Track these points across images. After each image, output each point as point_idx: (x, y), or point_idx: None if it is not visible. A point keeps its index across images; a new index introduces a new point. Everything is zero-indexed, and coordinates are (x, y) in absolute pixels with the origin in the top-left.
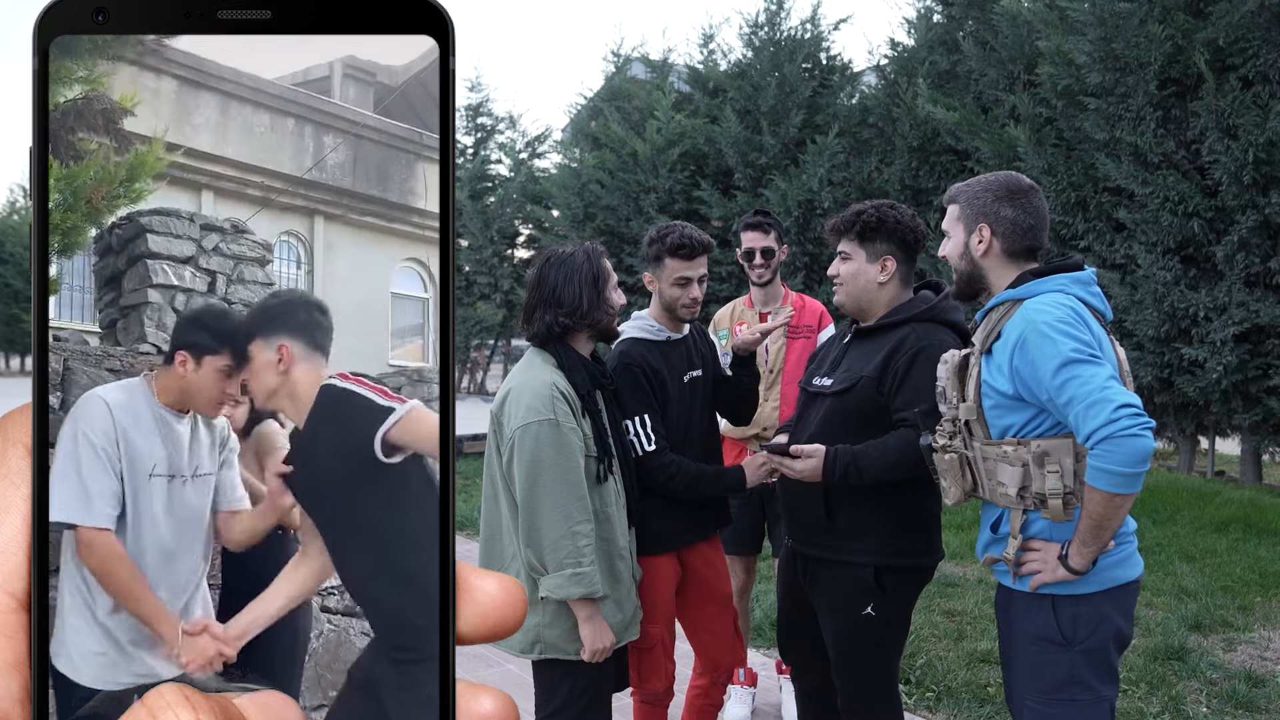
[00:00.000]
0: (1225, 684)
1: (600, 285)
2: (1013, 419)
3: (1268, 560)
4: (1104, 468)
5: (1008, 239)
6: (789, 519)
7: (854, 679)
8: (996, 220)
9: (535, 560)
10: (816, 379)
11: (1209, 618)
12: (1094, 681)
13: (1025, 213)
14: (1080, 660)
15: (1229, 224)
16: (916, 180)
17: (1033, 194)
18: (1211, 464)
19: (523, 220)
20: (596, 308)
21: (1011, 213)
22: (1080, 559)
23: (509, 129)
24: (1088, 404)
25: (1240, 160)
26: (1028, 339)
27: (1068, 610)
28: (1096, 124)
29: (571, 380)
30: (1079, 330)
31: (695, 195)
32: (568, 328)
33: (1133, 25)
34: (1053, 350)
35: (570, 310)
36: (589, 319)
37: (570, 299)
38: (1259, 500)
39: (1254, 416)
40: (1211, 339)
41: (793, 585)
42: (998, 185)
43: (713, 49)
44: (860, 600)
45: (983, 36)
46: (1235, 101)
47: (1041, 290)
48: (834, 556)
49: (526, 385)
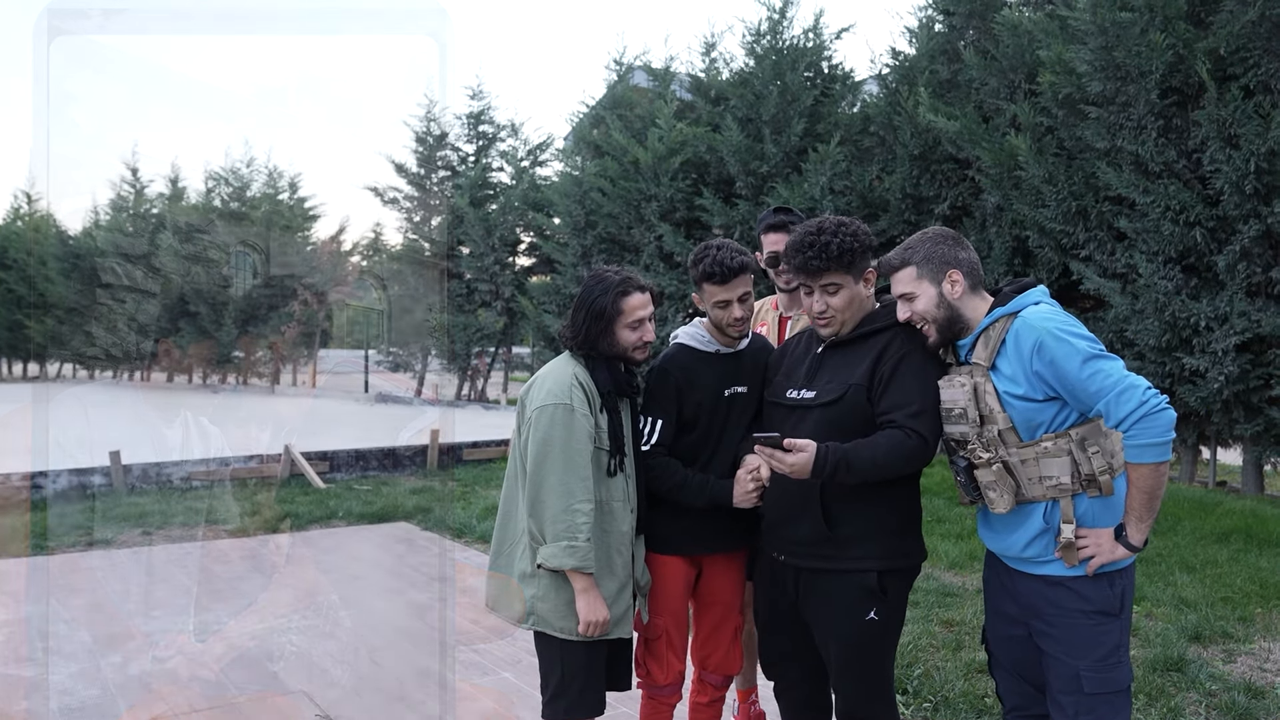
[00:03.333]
0: (1224, 695)
1: (606, 321)
2: (1042, 417)
3: (1268, 571)
4: (1147, 442)
5: (971, 276)
6: (778, 535)
7: (857, 682)
8: (958, 263)
9: (536, 530)
10: (792, 391)
11: (1209, 629)
12: (1125, 642)
13: (969, 251)
14: (1125, 625)
15: (1230, 233)
16: (918, 189)
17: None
18: (1213, 474)
19: (524, 228)
20: (600, 340)
21: (965, 255)
22: (1139, 534)
23: (510, 137)
24: (1117, 392)
25: (1242, 170)
26: (1044, 343)
27: (1119, 584)
28: (1097, 133)
29: (595, 378)
30: (1081, 330)
31: (697, 203)
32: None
33: (1134, 34)
34: (1072, 350)
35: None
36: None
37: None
38: (1260, 511)
39: (1255, 427)
40: (1213, 349)
41: (774, 601)
42: (942, 237)
43: (715, 57)
44: (864, 606)
45: (984, 46)
46: (1236, 111)
47: (1029, 301)
48: (835, 566)
49: (551, 374)
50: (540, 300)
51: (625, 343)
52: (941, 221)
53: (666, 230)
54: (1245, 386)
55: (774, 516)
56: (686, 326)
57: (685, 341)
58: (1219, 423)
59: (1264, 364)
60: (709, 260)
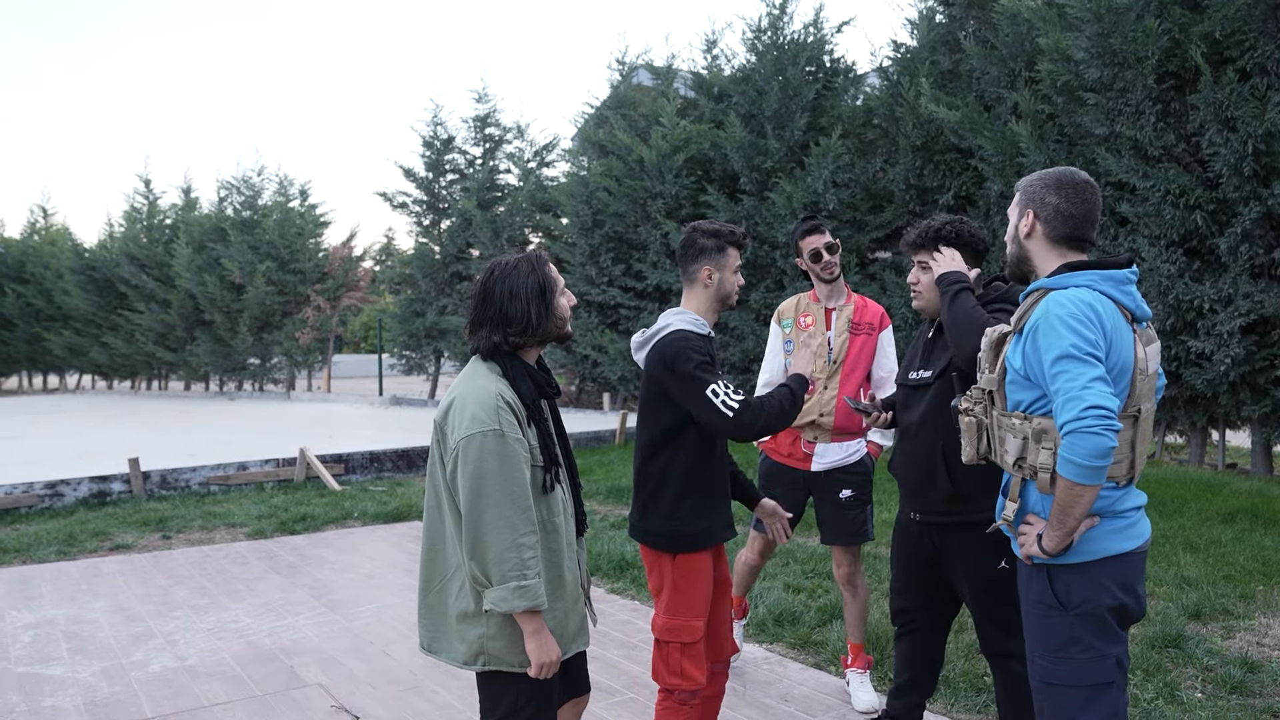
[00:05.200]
0: (1221, 669)
1: (548, 296)
2: (1023, 396)
3: (1272, 549)
4: (1068, 458)
5: (1050, 224)
6: (915, 496)
7: (991, 623)
8: (1042, 206)
9: (479, 573)
10: (913, 374)
11: (1209, 606)
12: (1094, 640)
13: (1070, 202)
14: (1077, 623)
15: (1231, 216)
16: (921, 179)
17: (1083, 187)
18: (1222, 457)
19: (532, 229)
20: (546, 320)
21: (1056, 200)
22: (1049, 541)
23: (517, 139)
24: (1066, 398)
25: (1240, 152)
26: (1039, 327)
27: (1062, 579)
28: (1096, 119)
29: (517, 390)
30: (1086, 328)
31: (702, 200)
32: (518, 345)
33: (1129, 20)
34: (1055, 342)
35: (520, 329)
36: (540, 333)
37: (518, 315)
38: (1267, 491)
39: (1263, 408)
40: (1218, 331)
41: (910, 558)
42: (1050, 176)
43: (716, 54)
44: (993, 557)
45: (984, 35)
46: (1233, 94)
47: (1071, 283)
48: (963, 519)
49: (471, 394)
50: None
51: (564, 313)
52: (946, 211)
53: (672, 227)
54: (1251, 368)
55: (909, 482)
56: (678, 317)
57: (686, 327)
58: (1226, 405)
59: (1269, 345)
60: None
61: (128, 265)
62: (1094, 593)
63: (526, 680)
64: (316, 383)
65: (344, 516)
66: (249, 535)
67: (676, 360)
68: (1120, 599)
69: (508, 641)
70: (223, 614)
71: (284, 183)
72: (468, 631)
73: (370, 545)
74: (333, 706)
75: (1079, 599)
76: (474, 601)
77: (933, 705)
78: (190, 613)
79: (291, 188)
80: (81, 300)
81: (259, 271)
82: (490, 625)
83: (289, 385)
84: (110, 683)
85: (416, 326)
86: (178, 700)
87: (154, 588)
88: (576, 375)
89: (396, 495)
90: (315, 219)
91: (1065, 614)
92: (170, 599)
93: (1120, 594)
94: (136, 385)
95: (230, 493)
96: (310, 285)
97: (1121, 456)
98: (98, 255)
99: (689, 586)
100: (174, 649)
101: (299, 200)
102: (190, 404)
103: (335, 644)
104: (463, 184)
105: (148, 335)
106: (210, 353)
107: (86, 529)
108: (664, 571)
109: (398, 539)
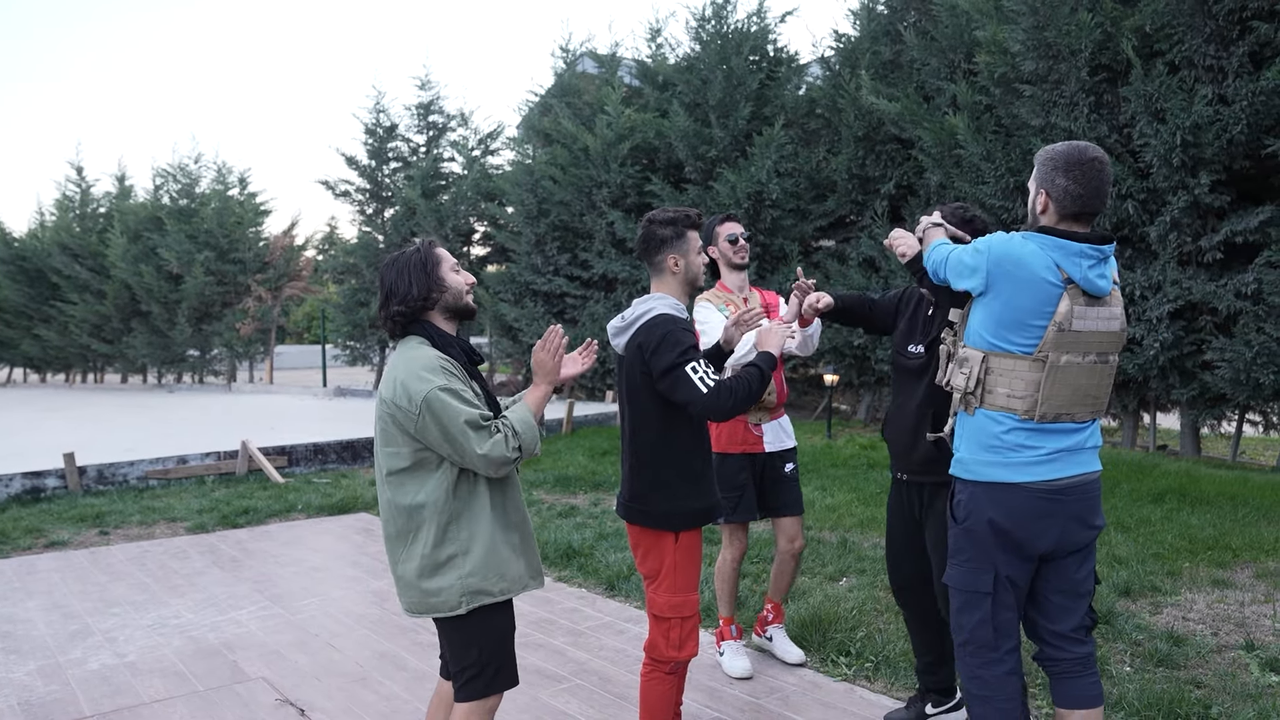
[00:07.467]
0: (1149, 644)
1: (430, 269)
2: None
3: (1198, 528)
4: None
5: (1060, 203)
6: (902, 457)
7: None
8: (1053, 187)
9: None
10: (912, 347)
11: (1138, 583)
12: (974, 552)
13: (1077, 183)
14: (963, 535)
15: (1161, 205)
16: (864, 169)
17: (1090, 165)
18: (1153, 439)
19: (477, 218)
20: (431, 289)
21: (1065, 182)
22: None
23: (461, 126)
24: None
25: (1169, 143)
26: None
27: (957, 497)
28: (1032, 110)
29: (449, 355)
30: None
31: (647, 189)
32: (407, 315)
33: (1064, 14)
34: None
35: (403, 297)
36: (426, 300)
37: (403, 289)
38: (1194, 471)
39: (1190, 391)
40: (1148, 317)
41: (904, 524)
42: (1060, 157)
43: (660, 43)
44: None
45: (924, 26)
46: (1162, 86)
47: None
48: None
49: (414, 362)
50: (496, 290)
51: (457, 285)
52: (887, 201)
53: (618, 216)
54: (1180, 352)
55: (898, 444)
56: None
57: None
58: (1157, 388)
59: (1196, 330)
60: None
61: (60, 255)
62: (975, 511)
63: (492, 627)
64: (259, 374)
65: (288, 509)
66: (190, 530)
67: (666, 340)
68: (1000, 524)
69: (485, 571)
70: (163, 609)
71: (222, 170)
72: (444, 580)
73: (315, 538)
74: (277, 700)
75: (963, 514)
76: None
77: (872, 685)
78: (129, 609)
79: (230, 175)
80: (11, 291)
81: (197, 261)
82: (469, 562)
83: (230, 377)
84: (46, 681)
85: (361, 316)
86: (117, 698)
87: (92, 584)
88: (523, 365)
89: (341, 487)
90: (255, 207)
91: (956, 526)
92: (109, 596)
93: (1000, 519)
94: (71, 378)
95: (170, 487)
96: (251, 275)
97: (1026, 393)
98: (28, 245)
99: (689, 564)
100: (113, 646)
101: (238, 188)
102: (128, 397)
103: (279, 637)
104: (406, 172)
105: (82, 327)
106: (147, 344)
107: (20, 526)
108: (665, 552)
109: (343, 531)
